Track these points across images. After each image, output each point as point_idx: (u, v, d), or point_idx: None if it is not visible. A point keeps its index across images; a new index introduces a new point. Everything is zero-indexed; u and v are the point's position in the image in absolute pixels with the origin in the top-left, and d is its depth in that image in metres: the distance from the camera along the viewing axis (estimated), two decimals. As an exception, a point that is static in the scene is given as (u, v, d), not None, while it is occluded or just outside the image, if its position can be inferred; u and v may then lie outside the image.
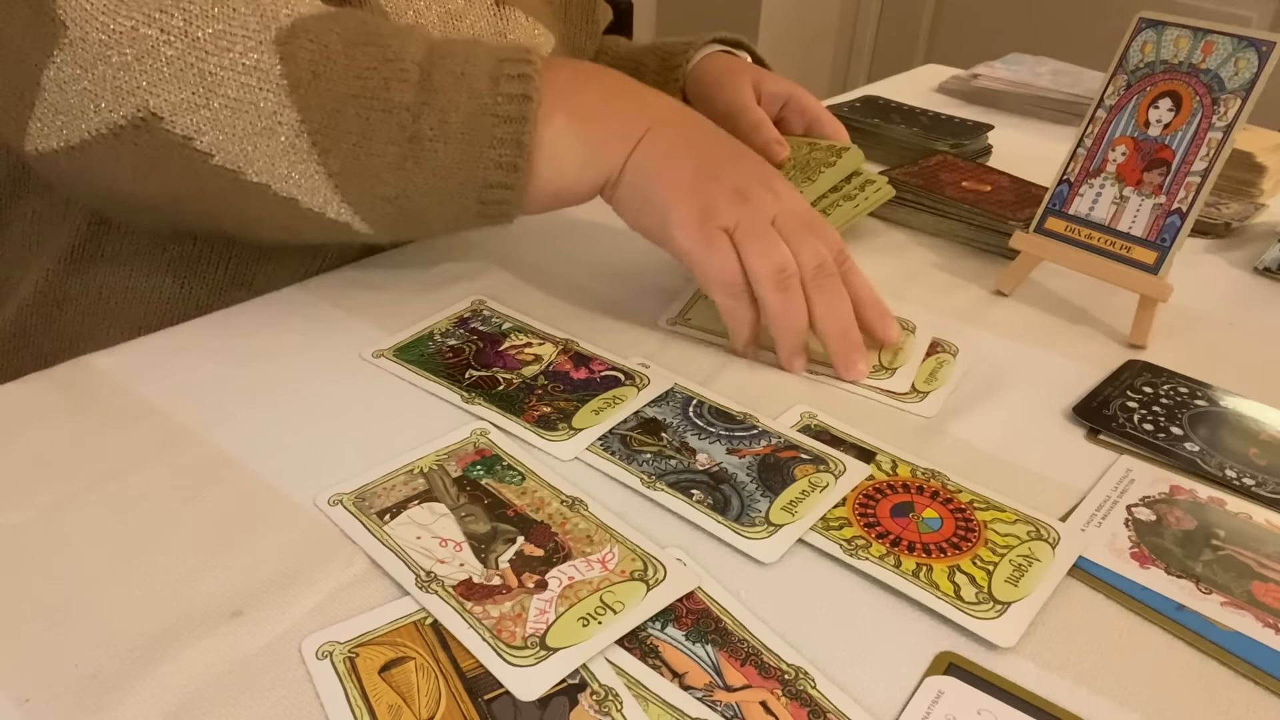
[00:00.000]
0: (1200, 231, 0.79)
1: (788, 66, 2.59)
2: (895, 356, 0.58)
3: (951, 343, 0.61)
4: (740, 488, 0.46)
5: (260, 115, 0.49)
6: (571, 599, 0.39)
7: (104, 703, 0.34)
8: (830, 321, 0.55)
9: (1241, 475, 0.49)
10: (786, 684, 0.36)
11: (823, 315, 0.54)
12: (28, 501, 0.43)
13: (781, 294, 0.53)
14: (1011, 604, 0.40)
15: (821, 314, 0.54)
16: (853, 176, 0.75)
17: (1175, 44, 0.61)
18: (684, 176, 0.55)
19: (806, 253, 0.54)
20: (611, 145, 0.55)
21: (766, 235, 0.53)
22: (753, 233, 0.53)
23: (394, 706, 0.34)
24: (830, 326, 0.55)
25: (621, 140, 0.56)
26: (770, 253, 0.53)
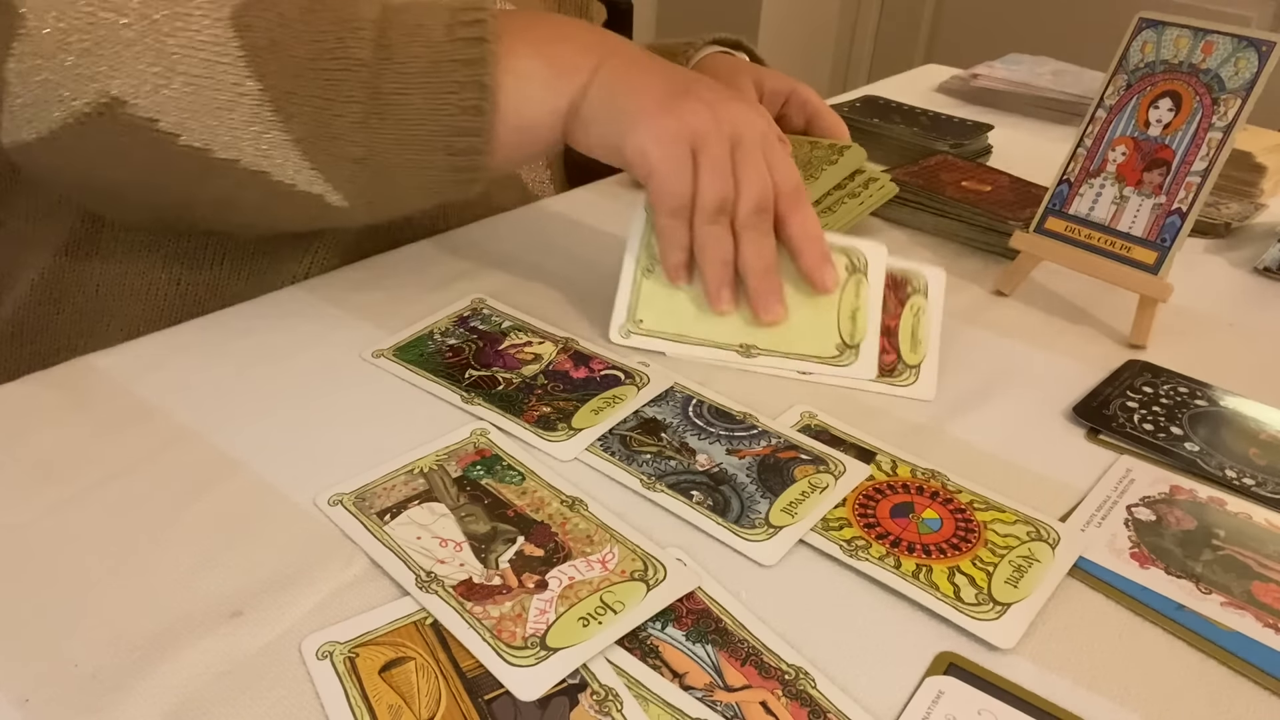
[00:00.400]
0: (1200, 231, 0.79)
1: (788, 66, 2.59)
2: (854, 326, 0.57)
3: (917, 273, 0.60)
4: (740, 489, 0.46)
5: (221, 89, 0.49)
6: (571, 599, 0.39)
7: (104, 703, 0.34)
8: (753, 260, 0.55)
9: (1241, 475, 0.49)
10: (786, 684, 0.36)
11: (746, 254, 0.55)
12: (28, 502, 0.43)
13: (712, 225, 0.55)
14: (1011, 605, 0.40)
15: (745, 252, 0.55)
16: (856, 174, 0.75)
17: (1175, 44, 0.61)
18: (655, 88, 0.55)
19: (752, 190, 0.54)
20: (577, 62, 0.55)
21: (720, 165, 0.54)
22: (710, 160, 0.54)
23: (394, 706, 0.34)
24: (753, 264, 0.55)
25: (586, 57, 0.55)
26: (717, 184, 0.54)
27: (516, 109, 0.54)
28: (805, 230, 0.56)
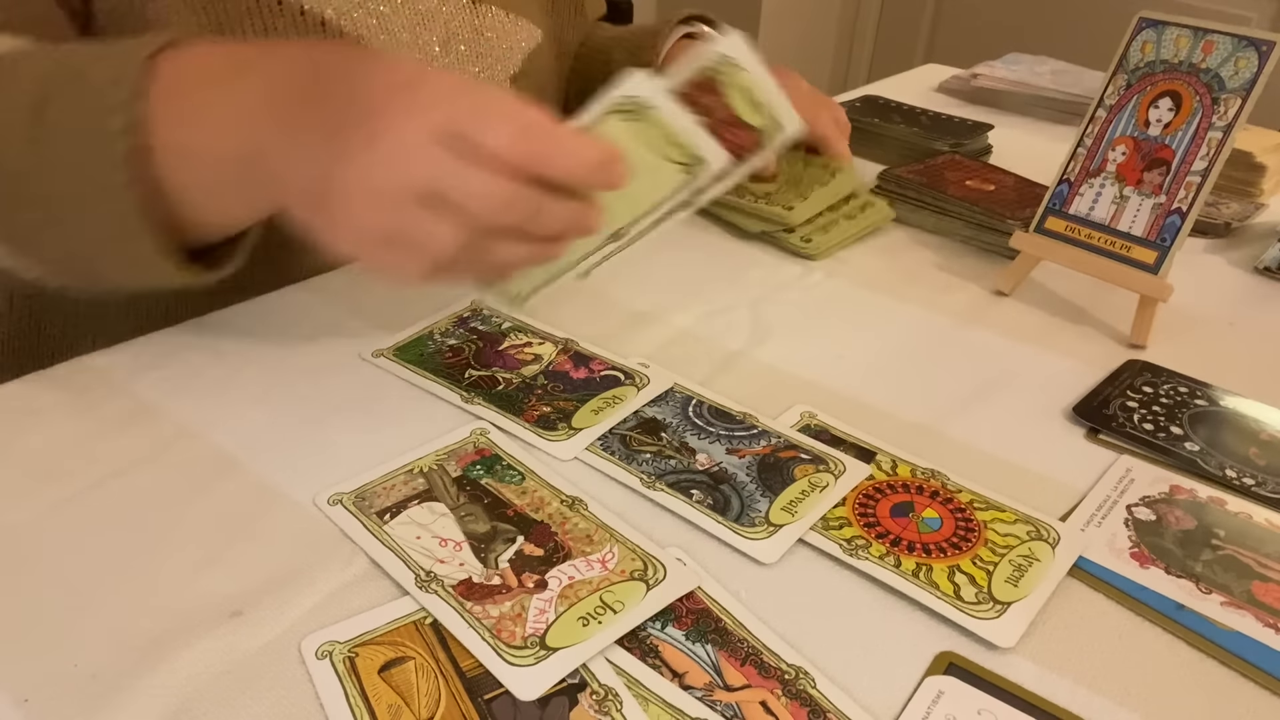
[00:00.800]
0: (1200, 231, 0.79)
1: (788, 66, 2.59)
2: (680, 145, 0.49)
3: (711, 57, 0.51)
4: (740, 488, 0.46)
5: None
6: (571, 599, 0.39)
7: (104, 703, 0.34)
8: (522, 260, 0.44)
9: (1241, 475, 0.49)
10: (786, 684, 0.36)
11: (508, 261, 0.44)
12: (28, 501, 0.43)
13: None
14: (1011, 604, 0.40)
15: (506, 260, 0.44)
16: (850, 198, 0.76)
17: (1175, 44, 0.61)
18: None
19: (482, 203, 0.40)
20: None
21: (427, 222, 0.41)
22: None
23: (394, 706, 0.34)
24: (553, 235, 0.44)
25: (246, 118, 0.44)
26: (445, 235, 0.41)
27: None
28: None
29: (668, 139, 0.48)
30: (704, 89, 0.52)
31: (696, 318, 0.62)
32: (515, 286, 0.53)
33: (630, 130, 0.48)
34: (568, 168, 0.40)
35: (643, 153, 0.48)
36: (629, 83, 0.47)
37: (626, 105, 0.47)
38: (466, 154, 0.39)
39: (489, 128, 0.39)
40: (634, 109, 0.48)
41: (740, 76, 0.51)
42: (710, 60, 0.51)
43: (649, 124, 0.48)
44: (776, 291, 0.67)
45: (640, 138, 0.48)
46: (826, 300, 0.66)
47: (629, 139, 0.47)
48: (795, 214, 0.72)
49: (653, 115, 0.47)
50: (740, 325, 0.62)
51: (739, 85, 0.51)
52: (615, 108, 0.47)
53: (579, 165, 0.41)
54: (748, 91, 0.51)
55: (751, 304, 0.65)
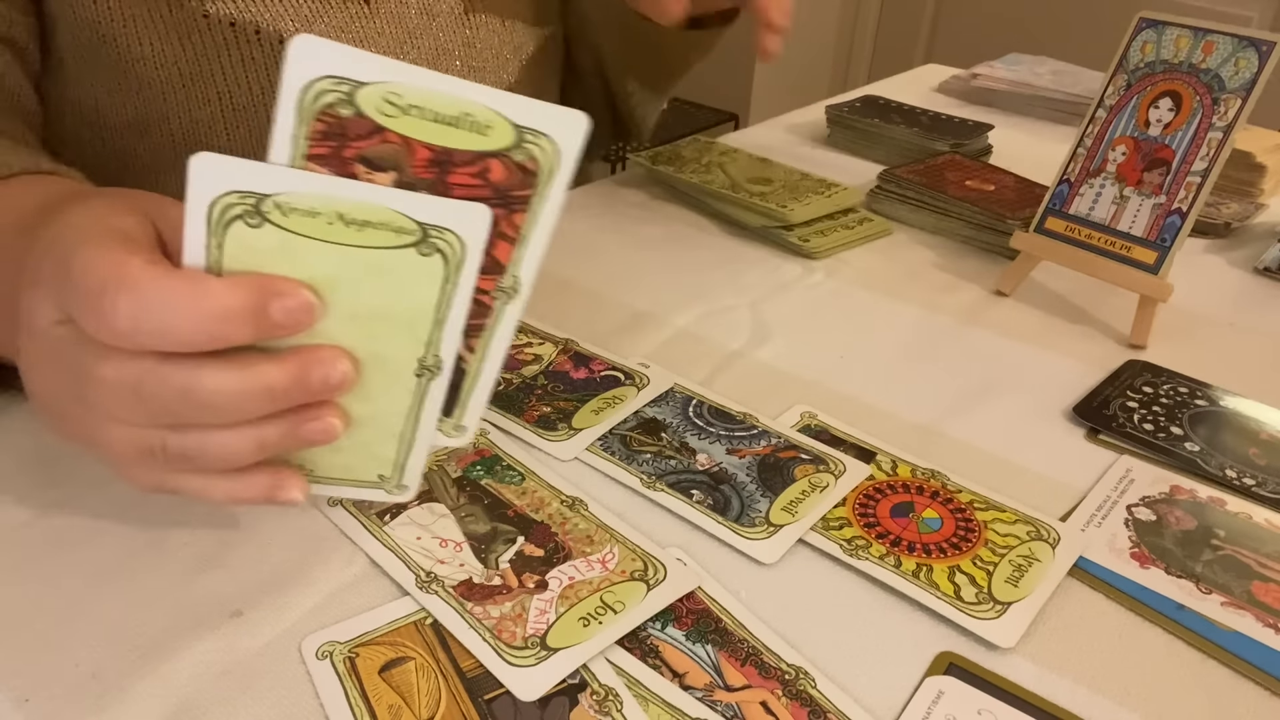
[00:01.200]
0: (1200, 231, 0.79)
1: (788, 66, 2.59)
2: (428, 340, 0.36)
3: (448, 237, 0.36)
4: (740, 488, 0.46)
5: None
6: (572, 599, 0.39)
7: (104, 703, 0.34)
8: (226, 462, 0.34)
9: (1241, 475, 0.49)
10: (787, 684, 0.36)
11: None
12: (28, 501, 0.43)
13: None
14: (1011, 604, 0.40)
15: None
16: (849, 212, 0.77)
17: (1175, 44, 0.61)
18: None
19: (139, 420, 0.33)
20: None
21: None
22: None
23: (394, 706, 0.34)
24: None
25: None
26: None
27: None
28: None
29: (356, 222, 0.32)
30: (346, 134, 0.33)
31: (696, 318, 0.62)
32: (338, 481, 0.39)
33: (285, 243, 0.32)
34: (188, 335, 0.30)
35: (333, 259, 0.32)
36: (201, 176, 0.30)
37: (239, 209, 0.31)
38: (88, 343, 0.31)
39: (80, 314, 0.31)
40: (257, 211, 0.31)
41: (378, 92, 0.33)
42: (312, 94, 0.33)
43: (310, 218, 0.32)
44: (776, 291, 0.67)
45: (319, 239, 0.32)
46: (826, 300, 0.66)
47: (301, 253, 0.32)
48: (793, 214, 0.72)
49: (300, 206, 0.31)
50: (740, 325, 0.62)
51: (390, 104, 0.33)
52: (229, 218, 0.31)
53: (203, 324, 0.30)
54: (415, 107, 0.34)
55: (751, 304, 0.65)
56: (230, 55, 0.54)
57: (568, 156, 0.36)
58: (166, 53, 0.53)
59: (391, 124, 0.33)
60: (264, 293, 0.31)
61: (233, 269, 0.32)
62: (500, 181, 0.36)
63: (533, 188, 0.36)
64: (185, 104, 0.55)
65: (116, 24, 0.52)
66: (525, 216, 0.37)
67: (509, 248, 0.38)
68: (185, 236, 0.31)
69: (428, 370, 0.36)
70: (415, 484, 0.40)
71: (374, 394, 0.36)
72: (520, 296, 0.38)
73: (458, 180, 0.35)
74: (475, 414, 0.40)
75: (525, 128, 0.35)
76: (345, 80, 0.33)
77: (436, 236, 0.33)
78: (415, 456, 0.39)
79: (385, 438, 0.38)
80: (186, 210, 0.31)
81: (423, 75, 0.33)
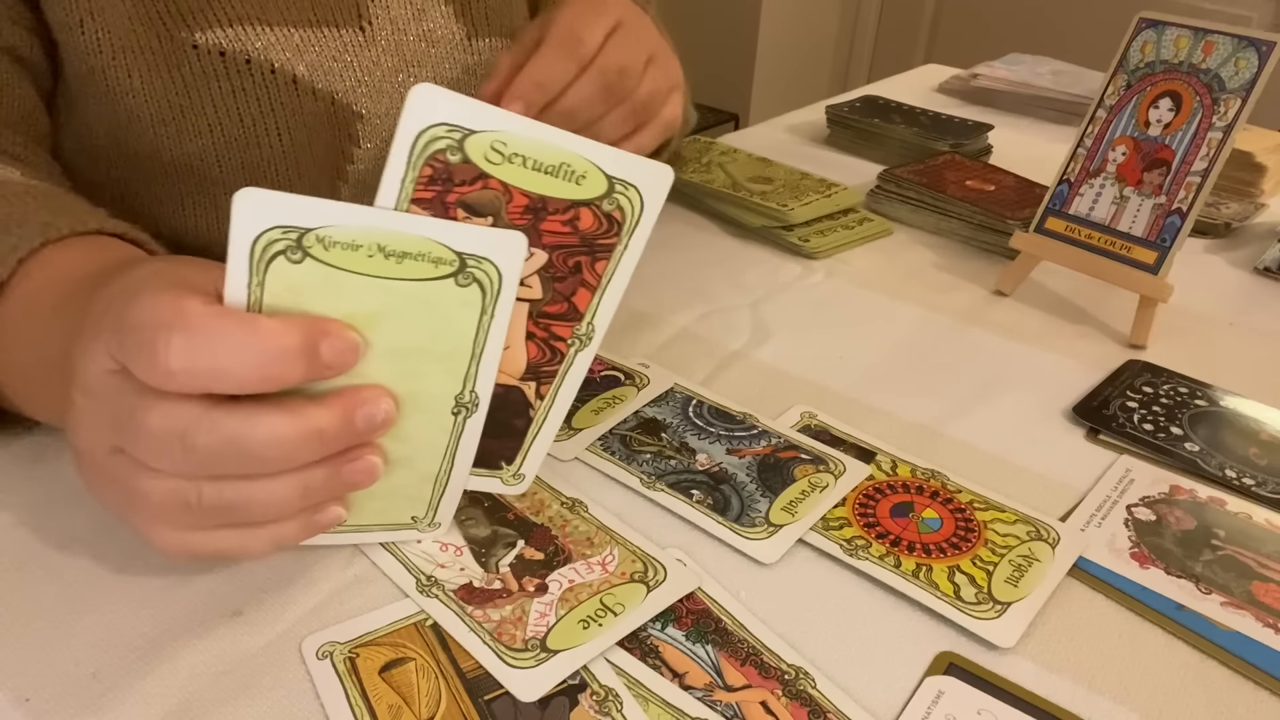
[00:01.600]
0: (1200, 231, 0.79)
1: (788, 66, 2.59)
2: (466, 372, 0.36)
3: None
4: (740, 488, 0.46)
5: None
6: (572, 602, 0.39)
7: (104, 703, 0.34)
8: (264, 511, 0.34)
9: (1241, 475, 0.49)
10: (786, 684, 0.36)
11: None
12: (28, 501, 0.43)
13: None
14: (1011, 604, 0.40)
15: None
16: (849, 212, 0.77)
17: (1175, 44, 0.61)
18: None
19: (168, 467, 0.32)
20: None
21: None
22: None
23: (394, 707, 0.34)
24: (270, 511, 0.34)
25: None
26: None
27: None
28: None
29: (396, 254, 0.32)
30: (452, 179, 0.35)
31: (696, 318, 0.62)
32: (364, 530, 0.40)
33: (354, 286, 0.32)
34: (243, 375, 0.30)
35: (374, 293, 0.32)
36: (245, 212, 0.30)
37: (282, 245, 0.31)
38: (137, 391, 0.31)
39: (133, 357, 0.30)
40: (299, 246, 0.31)
41: (487, 140, 0.34)
42: (425, 140, 0.34)
43: (352, 251, 0.32)
44: (776, 291, 0.67)
45: (382, 284, 0.32)
46: (826, 300, 0.66)
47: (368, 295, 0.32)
48: (794, 214, 0.72)
49: (341, 239, 0.31)
50: (740, 325, 0.62)
51: (497, 151, 0.34)
52: (271, 254, 0.31)
53: (258, 365, 0.30)
54: (519, 155, 0.35)
55: (751, 304, 0.65)
56: (220, 86, 0.53)
57: (652, 207, 0.37)
58: (156, 85, 0.52)
59: (494, 171, 0.34)
60: (314, 332, 0.31)
61: (274, 307, 0.32)
62: (588, 230, 0.37)
63: (617, 236, 0.37)
64: (176, 136, 0.54)
65: (105, 55, 0.51)
66: (607, 265, 0.38)
67: (589, 295, 0.39)
68: (228, 275, 0.31)
69: (464, 408, 0.36)
70: (448, 520, 0.41)
71: (411, 435, 0.36)
72: (593, 344, 0.39)
73: (549, 228, 0.36)
74: (536, 463, 0.41)
75: (616, 178, 0.36)
76: (458, 128, 0.33)
77: (474, 266, 0.33)
78: (449, 496, 0.39)
79: (421, 480, 0.38)
80: (230, 248, 0.31)
81: (530, 126, 0.34)
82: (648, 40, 0.57)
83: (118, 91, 0.52)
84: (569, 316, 0.39)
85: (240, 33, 0.52)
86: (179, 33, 0.52)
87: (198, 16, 0.52)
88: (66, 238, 0.41)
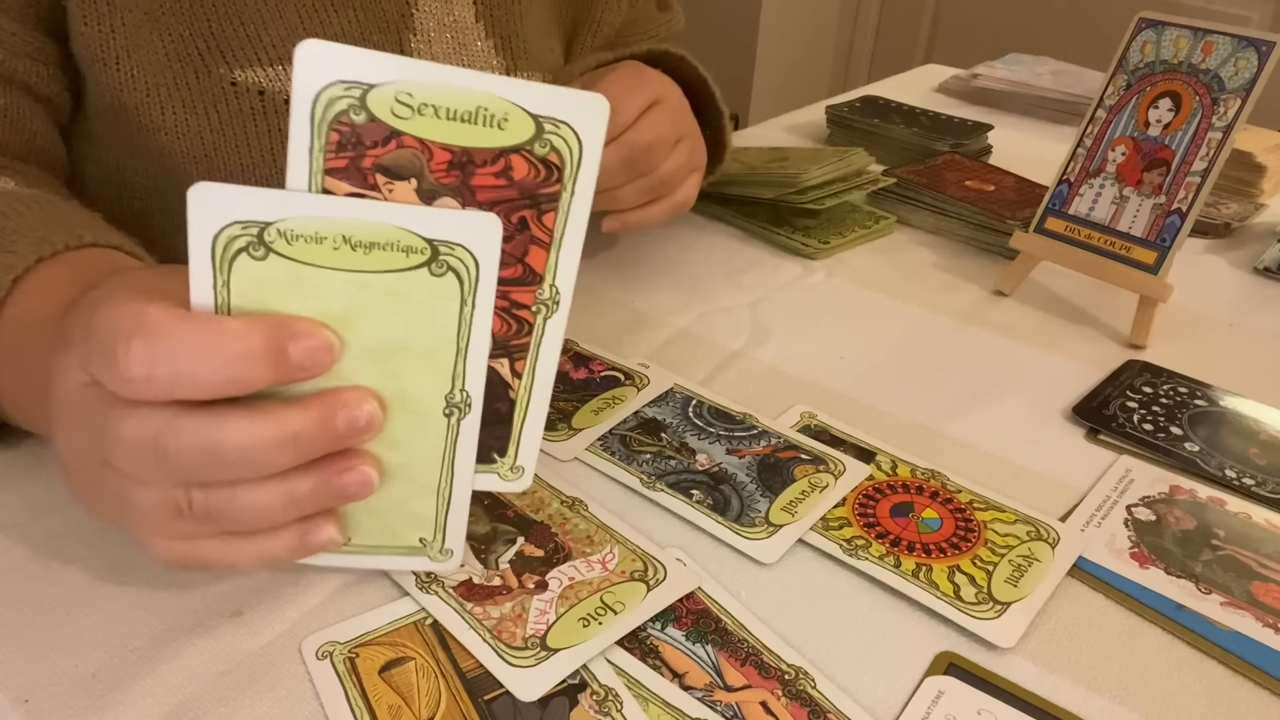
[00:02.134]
0: (1200, 231, 0.79)
1: (788, 66, 2.59)
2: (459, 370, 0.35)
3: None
4: (740, 488, 0.46)
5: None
6: (572, 600, 0.39)
7: (104, 703, 0.34)
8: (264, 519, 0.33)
9: (1241, 475, 0.49)
10: (786, 684, 0.36)
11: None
12: (28, 501, 0.43)
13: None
14: (1011, 604, 0.40)
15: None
16: (861, 174, 0.77)
17: (1175, 44, 0.61)
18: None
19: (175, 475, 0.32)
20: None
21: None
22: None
23: (394, 707, 0.34)
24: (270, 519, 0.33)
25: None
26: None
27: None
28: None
29: (363, 244, 0.31)
30: (362, 142, 0.32)
31: (696, 318, 0.62)
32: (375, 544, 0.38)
33: (296, 276, 0.30)
34: (205, 379, 0.29)
35: (345, 289, 0.31)
36: (201, 208, 0.29)
37: (243, 240, 0.30)
38: (109, 402, 0.30)
39: (97, 366, 0.30)
40: (261, 241, 0.30)
41: (390, 93, 0.31)
42: (324, 102, 0.31)
43: (316, 244, 0.30)
44: (776, 291, 0.67)
45: (329, 267, 0.31)
46: (826, 300, 0.66)
47: (313, 285, 0.31)
48: (808, 175, 0.71)
49: (304, 232, 0.30)
50: (740, 325, 0.62)
51: (403, 104, 0.31)
52: (233, 251, 0.30)
53: (220, 368, 0.29)
54: (428, 105, 0.32)
55: (751, 304, 0.65)
56: (256, 125, 0.53)
57: (591, 145, 0.33)
58: (190, 123, 0.52)
59: (405, 126, 0.32)
60: (281, 333, 0.30)
61: (242, 307, 0.31)
62: (525, 180, 0.33)
63: (560, 183, 0.34)
64: (206, 174, 0.53)
65: (139, 93, 0.51)
66: (555, 216, 0.35)
67: (543, 254, 0.35)
68: (191, 276, 0.30)
69: (456, 409, 0.34)
70: (460, 548, 0.38)
71: (403, 440, 0.34)
72: (562, 309, 0.36)
73: (481, 182, 0.33)
74: (532, 451, 0.38)
75: (544, 117, 0.32)
76: (355, 84, 0.31)
77: (447, 253, 0.31)
78: (455, 514, 0.37)
79: (421, 492, 0.36)
80: (190, 247, 0.30)
81: (432, 70, 0.31)
82: (681, 121, 0.59)
83: (150, 128, 0.52)
84: (527, 280, 0.35)
85: (281, 72, 0.52)
86: (217, 69, 0.51)
87: (238, 54, 0.51)
88: (61, 253, 0.41)
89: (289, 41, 0.53)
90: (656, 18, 0.77)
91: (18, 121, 0.50)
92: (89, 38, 0.49)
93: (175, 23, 0.51)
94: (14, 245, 0.41)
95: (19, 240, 0.41)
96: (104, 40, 0.49)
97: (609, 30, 0.72)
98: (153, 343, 0.29)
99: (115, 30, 0.49)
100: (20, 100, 0.50)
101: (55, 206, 0.45)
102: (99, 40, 0.49)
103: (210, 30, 0.51)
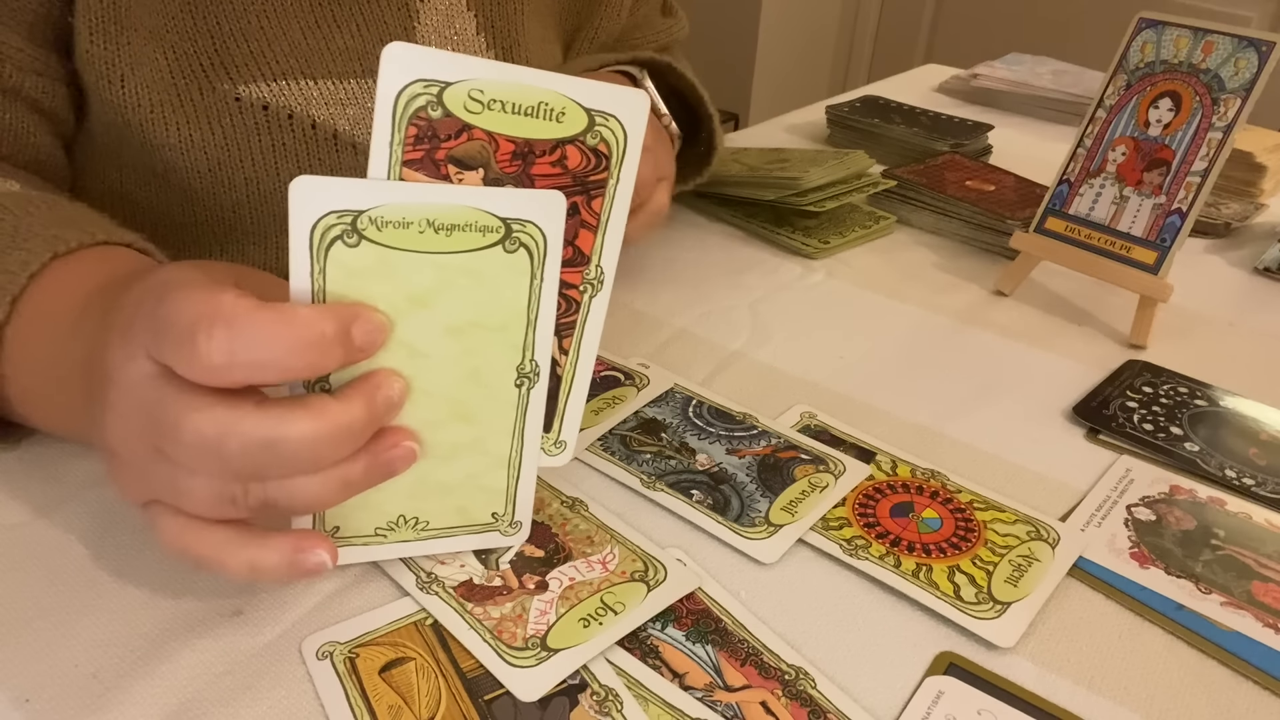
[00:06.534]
0: (1200, 231, 0.79)
1: (788, 66, 2.59)
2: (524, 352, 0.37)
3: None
4: (740, 488, 0.46)
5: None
6: (572, 600, 0.39)
7: (104, 703, 0.34)
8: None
9: (1241, 475, 0.49)
10: (786, 684, 0.36)
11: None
12: (27, 502, 0.43)
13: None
14: (1011, 604, 0.40)
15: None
16: (861, 176, 0.77)
17: (1175, 44, 0.61)
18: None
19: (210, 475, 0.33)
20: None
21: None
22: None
23: (394, 707, 0.34)
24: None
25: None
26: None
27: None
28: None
29: (445, 227, 0.33)
30: (437, 135, 0.34)
31: (696, 318, 0.62)
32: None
33: (376, 257, 0.32)
34: (286, 364, 0.30)
35: (428, 270, 0.33)
36: (301, 200, 0.31)
37: (338, 229, 0.32)
38: (177, 392, 0.31)
39: (173, 353, 0.30)
40: (354, 229, 0.32)
41: (464, 90, 0.34)
42: (405, 99, 0.33)
43: (403, 229, 0.32)
44: (776, 291, 0.67)
45: (402, 254, 0.33)
46: (826, 300, 0.66)
47: (382, 269, 0.33)
48: (809, 177, 0.72)
49: (392, 218, 0.32)
50: (740, 325, 0.62)
51: (474, 100, 0.34)
52: (329, 240, 0.32)
53: (300, 352, 0.30)
54: (496, 101, 0.34)
55: (751, 304, 0.65)
56: (261, 141, 0.53)
57: (635, 136, 0.36)
58: (194, 139, 0.52)
59: (476, 120, 0.34)
60: (346, 317, 0.32)
61: (335, 294, 0.33)
62: (578, 168, 0.36)
63: (608, 170, 0.37)
64: (211, 189, 0.54)
65: (143, 110, 0.51)
66: (603, 202, 0.37)
67: (591, 236, 0.38)
68: (291, 265, 0.32)
69: (526, 379, 0.37)
70: (528, 521, 0.40)
71: (478, 413, 0.36)
72: (605, 288, 0.39)
73: (540, 171, 0.36)
74: (574, 427, 0.40)
75: (595, 110, 0.35)
76: (434, 82, 0.33)
77: (519, 230, 0.34)
78: (524, 485, 0.39)
79: (494, 465, 0.38)
80: (291, 239, 0.31)
81: (501, 69, 0.34)
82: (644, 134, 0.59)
83: (155, 144, 0.52)
84: (576, 261, 0.38)
85: (285, 87, 0.52)
86: (221, 85, 0.51)
87: (242, 70, 0.51)
88: (75, 251, 0.41)
89: (292, 57, 0.53)
90: (659, 23, 0.77)
91: (22, 135, 0.50)
92: (95, 56, 0.49)
93: (179, 40, 0.51)
94: (28, 243, 0.41)
95: (32, 239, 0.41)
96: (110, 58, 0.49)
97: (606, 37, 0.73)
98: (234, 331, 0.30)
99: (121, 48, 0.49)
100: (26, 116, 0.50)
101: (64, 206, 0.46)
102: (105, 58, 0.49)
103: (214, 47, 0.51)
